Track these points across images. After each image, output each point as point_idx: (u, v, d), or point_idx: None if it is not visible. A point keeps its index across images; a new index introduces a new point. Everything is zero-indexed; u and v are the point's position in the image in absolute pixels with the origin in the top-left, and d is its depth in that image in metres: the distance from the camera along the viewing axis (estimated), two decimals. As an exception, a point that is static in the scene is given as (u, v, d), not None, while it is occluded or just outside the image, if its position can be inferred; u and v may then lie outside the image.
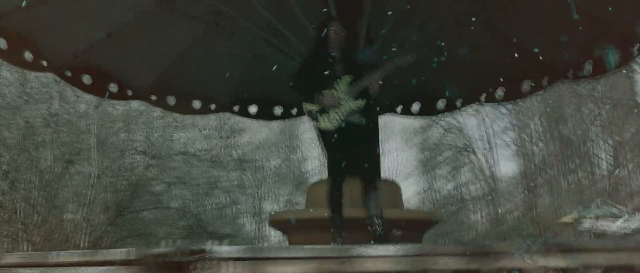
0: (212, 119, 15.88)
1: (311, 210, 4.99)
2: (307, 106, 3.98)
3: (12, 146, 10.06)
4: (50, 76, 6.82)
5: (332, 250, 2.49)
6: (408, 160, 20.60)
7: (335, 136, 3.88)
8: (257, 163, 19.62)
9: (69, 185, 11.42)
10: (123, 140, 12.86)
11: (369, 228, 3.80)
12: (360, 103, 3.86)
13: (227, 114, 7.76)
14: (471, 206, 19.11)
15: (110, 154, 12.29)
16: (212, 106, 7.31)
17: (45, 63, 5.90)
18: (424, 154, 20.18)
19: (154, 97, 7.09)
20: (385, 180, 4.94)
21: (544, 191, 16.22)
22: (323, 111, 3.87)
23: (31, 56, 5.75)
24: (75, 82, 6.52)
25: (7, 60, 5.83)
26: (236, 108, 7.39)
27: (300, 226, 4.86)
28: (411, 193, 19.43)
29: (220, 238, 15.16)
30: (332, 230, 3.87)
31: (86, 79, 6.57)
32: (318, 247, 2.46)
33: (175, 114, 10.32)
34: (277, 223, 5.70)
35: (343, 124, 3.84)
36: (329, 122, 3.84)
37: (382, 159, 4.54)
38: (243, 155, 18.93)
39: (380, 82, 3.89)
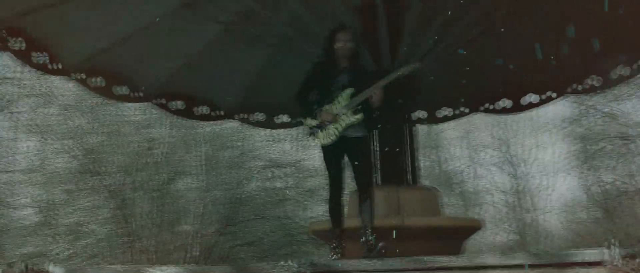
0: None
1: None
2: (307, 122, 4.04)
3: (124, 167, 11.31)
4: (146, 105, 7.65)
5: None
6: (563, 152, 18.98)
7: (332, 149, 3.94)
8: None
9: (180, 199, 12.49)
10: (227, 156, 13.76)
11: (361, 239, 3.78)
12: (359, 117, 3.88)
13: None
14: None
15: (215, 170, 13.21)
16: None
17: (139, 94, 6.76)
18: (580, 145, 18.48)
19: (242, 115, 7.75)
20: (424, 187, 4.95)
21: None
22: (322, 126, 3.92)
23: (128, 89, 6.65)
24: (165, 108, 7.32)
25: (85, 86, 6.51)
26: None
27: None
28: (569, 187, 17.82)
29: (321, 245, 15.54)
30: (332, 242, 3.93)
31: (179, 104, 7.37)
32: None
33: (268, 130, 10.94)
34: (317, 232, 5.75)
35: (336, 138, 3.87)
36: (326, 137, 3.89)
37: (510, 155, 4.83)
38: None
39: (382, 93, 3.85)
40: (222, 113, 7.79)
